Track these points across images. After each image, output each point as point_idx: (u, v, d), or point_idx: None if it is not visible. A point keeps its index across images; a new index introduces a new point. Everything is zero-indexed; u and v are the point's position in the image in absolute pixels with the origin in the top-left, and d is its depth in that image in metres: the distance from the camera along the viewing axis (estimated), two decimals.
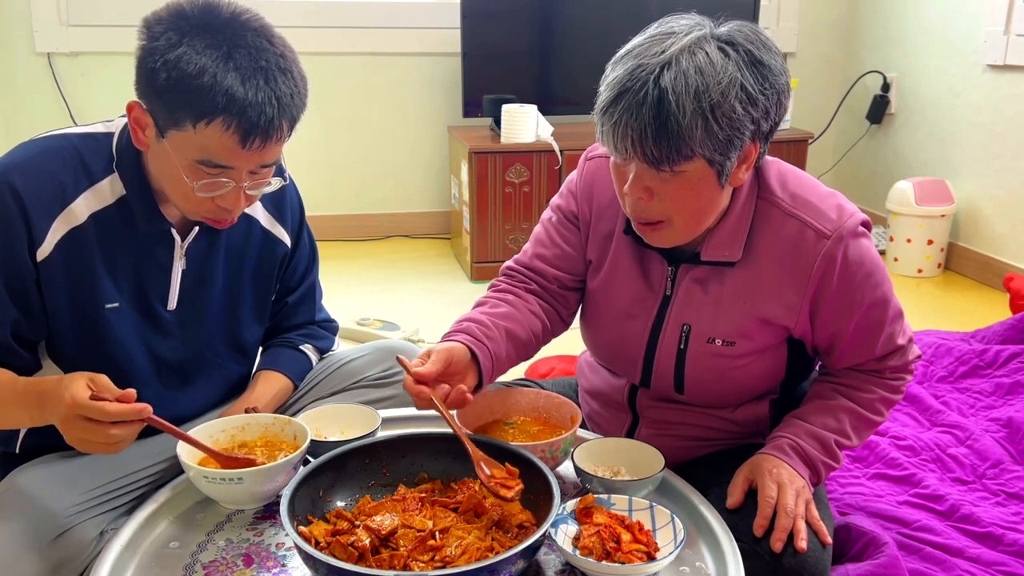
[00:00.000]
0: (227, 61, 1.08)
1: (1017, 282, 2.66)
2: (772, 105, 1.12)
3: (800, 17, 3.97)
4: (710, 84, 1.06)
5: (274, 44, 1.13)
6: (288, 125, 1.14)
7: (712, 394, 1.33)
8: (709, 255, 1.24)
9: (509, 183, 3.22)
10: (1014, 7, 3.07)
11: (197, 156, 1.12)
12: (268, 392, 1.41)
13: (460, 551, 1.00)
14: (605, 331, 1.38)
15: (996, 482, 1.76)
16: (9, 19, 3.36)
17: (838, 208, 1.22)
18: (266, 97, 1.10)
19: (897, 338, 1.28)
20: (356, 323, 2.69)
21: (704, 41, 1.09)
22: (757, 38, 1.12)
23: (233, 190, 1.16)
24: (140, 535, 1.12)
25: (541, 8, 3.55)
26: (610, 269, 1.34)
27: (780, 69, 1.13)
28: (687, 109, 1.05)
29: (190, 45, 1.08)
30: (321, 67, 3.61)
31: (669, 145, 1.07)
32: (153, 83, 1.10)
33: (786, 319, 1.24)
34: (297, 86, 1.14)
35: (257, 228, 1.37)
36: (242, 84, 1.08)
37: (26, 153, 1.19)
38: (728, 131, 1.08)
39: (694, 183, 1.13)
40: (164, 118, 1.11)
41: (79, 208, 1.19)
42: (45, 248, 1.17)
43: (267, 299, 1.44)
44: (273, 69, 1.11)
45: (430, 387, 1.15)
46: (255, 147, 1.11)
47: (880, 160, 3.84)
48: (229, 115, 1.08)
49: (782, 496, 1.17)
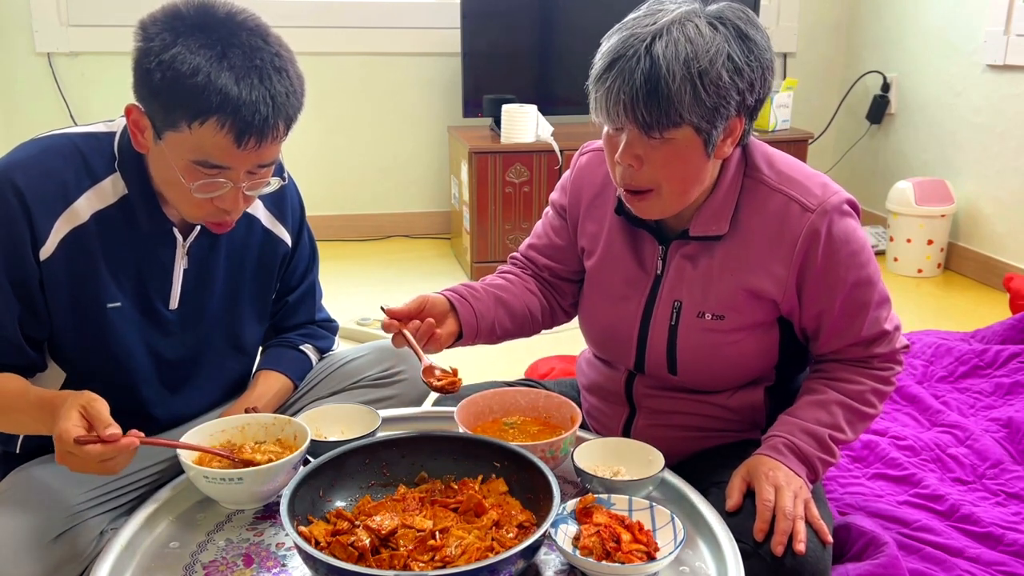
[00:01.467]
0: (221, 60, 1.08)
1: (1017, 282, 2.66)
2: (757, 78, 1.17)
3: (800, 17, 3.97)
4: (699, 52, 1.11)
5: (269, 43, 1.13)
6: (284, 124, 1.14)
7: (705, 374, 1.33)
8: (698, 230, 1.27)
9: (509, 183, 3.22)
10: (1014, 7, 3.07)
11: (193, 156, 1.12)
12: (268, 392, 1.41)
13: (460, 551, 1.00)
14: (600, 315, 1.40)
15: (996, 482, 1.76)
16: (9, 19, 3.36)
17: (823, 185, 1.26)
18: (260, 96, 1.09)
19: (883, 323, 1.29)
20: (356, 323, 2.69)
21: (694, 15, 1.15)
22: (745, 16, 1.18)
23: (231, 191, 1.16)
24: (140, 535, 1.12)
25: (541, 8, 3.56)
26: (603, 254, 1.37)
27: (766, 46, 1.18)
28: (677, 74, 1.10)
29: (184, 45, 1.07)
30: (321, 67, 3.61)
31: (659, 109, 1.12)
32: (148, 84, 1.10)
33: (774, 292, 1.26)
34: (293, 85, 1.14)
35: (258, 227, 1.37)
36: (236, 83, 1.08)
37: (28, 152, 1.19)
38: (715, 98, 1.13)
39: (682, 150, 1.17)
40: (160, 119, 1.11)
41: (81, 207, 1.19)
42: (48, 247, 1.17)
43: (267, 298, 1.44)
44: (268, 68, 1.11)
45: (402, 323, 1.24)
46: (250, 147, 1.11)
47: (880, 160, 3.84)
48: (223, 114, 1.08)
49: (780, 499, 1.17)
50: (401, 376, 1.53)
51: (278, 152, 1.19)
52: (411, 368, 1.55)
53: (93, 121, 1.27)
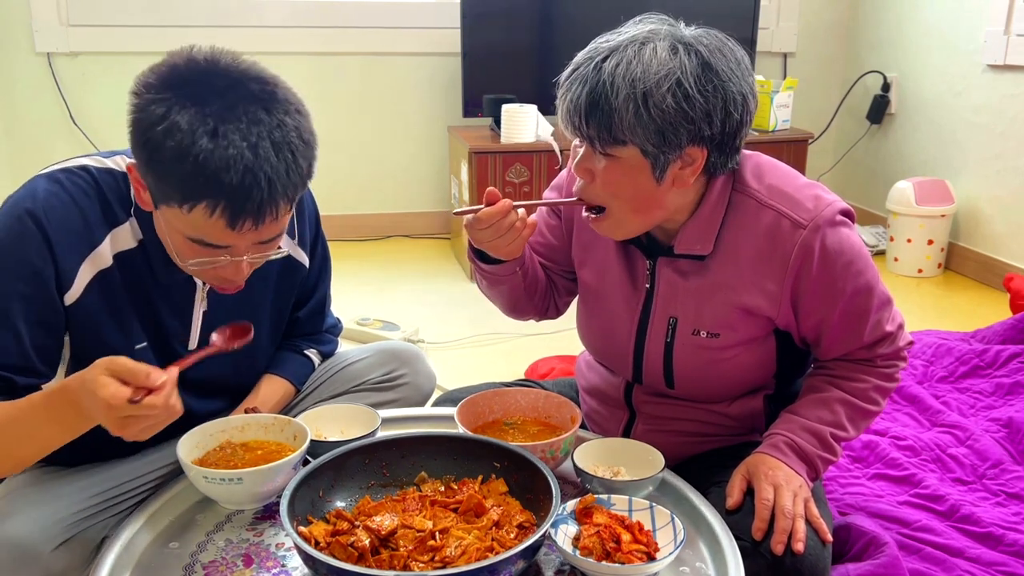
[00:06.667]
0: (213, 138, 0.99)
1: (1017, 282, 2.66)
2: (715, 109, 1.13)
3: (800, 17, 3.96)
4: (648, 73, 1.11)
5: (272, 112, 1.04)
6: (285, 202, 1.07)
7: (702, 388, 1.33)
8: (682, 248, 1.26)
9: (509, 183, 3.22)
10: (1014, 7, 3.07)
11: (189, 234, 1.07)
12: (271, 397, 1.40)
13: (460, 551, 1.00)
14: (596, 326, 1.40)
15: (996, 482, 1.76)
16: (9, 19, 3.36)
17: (815, 198, 1.22)
18: (254, 180, 1.01)
19: (885, 325, 1.28)
20: (356, 323, 2.69)
21: (659, 37, 1.14)
22: (718, 45, 1.15)
23: (232, 263, 1.11)
24: (140, 535, 1.12)
25: (541, 8, 3.56)
26: (597, 266, 1.37)
27: (735, 79, 1.14)
28: (621, 92, 1.11)
29: (178, 116, 1.00)
30: (321, 67, 3.61)
31: (600, 124, 1.13)
32: (140, 156, 1.04)
33: (768, 309, 1.25)
34: (296, 159, 1.06)
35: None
36: (228, 168, 1.00)
37: (50, 190, 1.13)
38: (660, 122, 1.11)
39: (628, 171, 1.16)
40: (154, 191, 1.07)
41: (105, 250, 1.15)
42: (75, 291, 1.13)
43: (283, 320, 1.42)
44: (266, 144, 1.02)
45: None
46: (247, 229, 1.05)
47: (880, 160, 3.84)
48: (213, 200, 1.01)
49: (779, 498, 1.17)
50: (403, 379, 1.52)
51: (283, 226, 1.12)
52: (413, 371, 1.54)
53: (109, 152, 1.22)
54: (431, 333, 2.70)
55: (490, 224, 1.21)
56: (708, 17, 1.25)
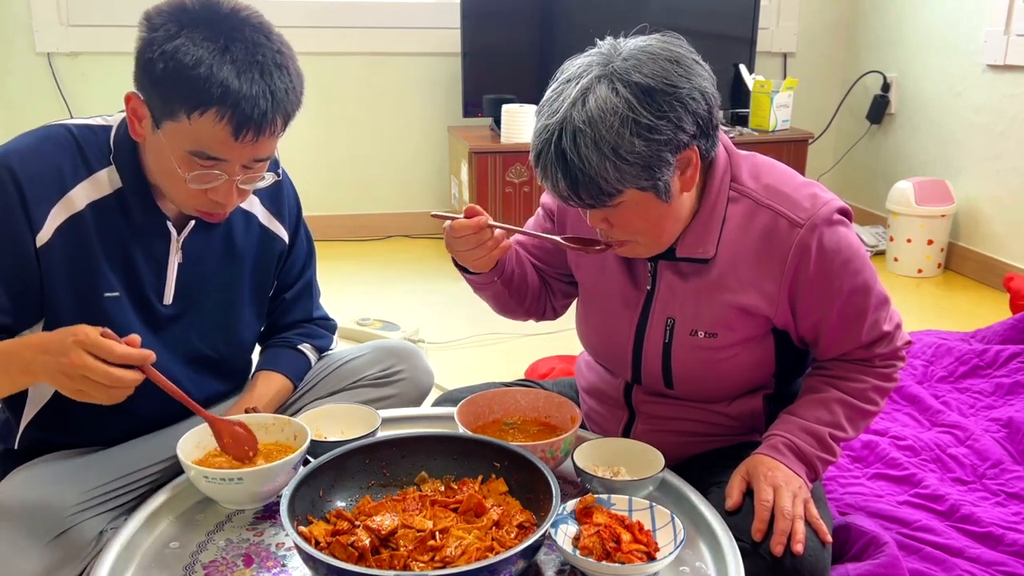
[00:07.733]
0: (224, 53, 1.09)
1: (1017, 282, 2.66)
2: (681, 119, 1.11)
3: (800, 17, 3.97)
4: (602, 130, 1.09)
5: (271, 40, 1.14)
6: (282, 120, 1.15)
7: (701, 388, 1.33)
8: (684, 251, 1.26)
9: (509, 183, 3.22)
10: (1014, 7, 3.07)
11: (190, 147, 1.13)
12: (268, 393, 1.41)
13: (460, 551, 1.00)
14: (595, 327, 1.40)
15: (996, 482, 1.76)
16: (9, 19, 3.36)
17: (812, 197, 1.22)
18: (260, 91, 1.11)
19: (883, 324, 1.28)
20: (356, 323, 2.69)
21: (595, 83, 1.10)
22: (653, 57, 1.11)
23: (225, 183, 1.17)
24: (140, 535, 1.12)
25: (541, 8, 3.56)
26: (597, 269, 1.37)
27: (682, 83, 1.11)
28: (592, 160, 1.10)
29: (188, 37, 1.09)
30: (321, 67, 3.61)
31: (589, 194, 1.13)
32: (150, 73, 1.11)
33: (766, 309, 1.25)
34: (293, 82, 1.15)
35: (255, 223, 1.38)
36: (237, 77, 1.09)
37: (25, 140, 1.20)
38: (641, 162, 1.11)
39: (637, 208, 1.17)
40: (159, 108, 1.13)
41: (77, 196, 1.20)
42: (44, 234, 1.18)
43: (265, 295, 1.44)
44: (269, 64, 1.12)
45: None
46: (248, 140, 1.12)
47: (880, 160, 3.84)
48: (223, 106, 1.09)
49: (779, 499, 1.17)
50: (401, 375, 1.53)
51: (274, 147, 1.20)
52: (410, 367, 1.55)
53: (91, 115, 1.28)
54: (431, 333, 2.70)
55: (461, 236, 1.24)
56: (708, 17, 1.25)
